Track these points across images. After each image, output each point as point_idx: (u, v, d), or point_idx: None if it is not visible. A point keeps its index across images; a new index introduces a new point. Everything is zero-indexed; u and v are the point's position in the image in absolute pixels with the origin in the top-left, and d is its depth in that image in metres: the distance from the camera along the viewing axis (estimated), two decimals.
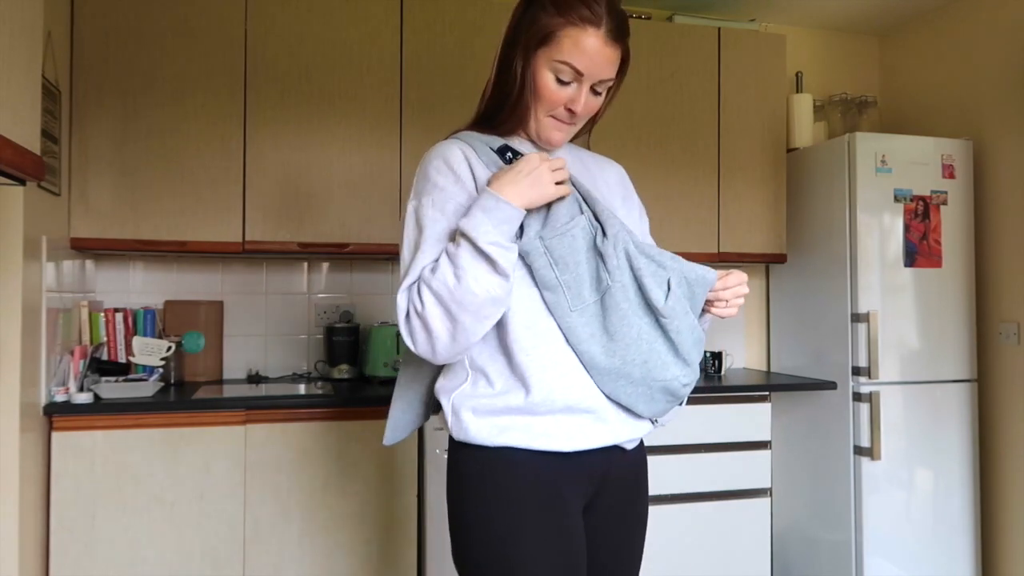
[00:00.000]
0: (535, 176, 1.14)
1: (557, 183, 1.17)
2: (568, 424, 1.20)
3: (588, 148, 1.44)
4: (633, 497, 1.33)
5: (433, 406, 1.39)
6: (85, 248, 2.45)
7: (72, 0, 2.41)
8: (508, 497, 1.19)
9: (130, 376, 2.47)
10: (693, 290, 1.20)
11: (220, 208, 2.54)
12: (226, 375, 2.85)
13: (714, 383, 2.86)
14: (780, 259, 3.14)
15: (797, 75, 3.45)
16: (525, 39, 1.22)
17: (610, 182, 1.40)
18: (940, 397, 2.93)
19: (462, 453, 1.24)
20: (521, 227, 1.17)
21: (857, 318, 2.86)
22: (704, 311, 1.26)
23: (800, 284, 3.20)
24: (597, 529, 1.29)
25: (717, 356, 3.12)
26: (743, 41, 3.09)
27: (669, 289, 1.18)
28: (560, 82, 1.22)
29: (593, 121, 1.34)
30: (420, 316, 1.12)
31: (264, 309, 2.91)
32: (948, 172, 2.97)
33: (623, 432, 1.25)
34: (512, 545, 1.17)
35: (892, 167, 2.89)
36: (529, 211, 1.17)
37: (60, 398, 2.22)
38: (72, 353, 2.31)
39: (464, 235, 1.11)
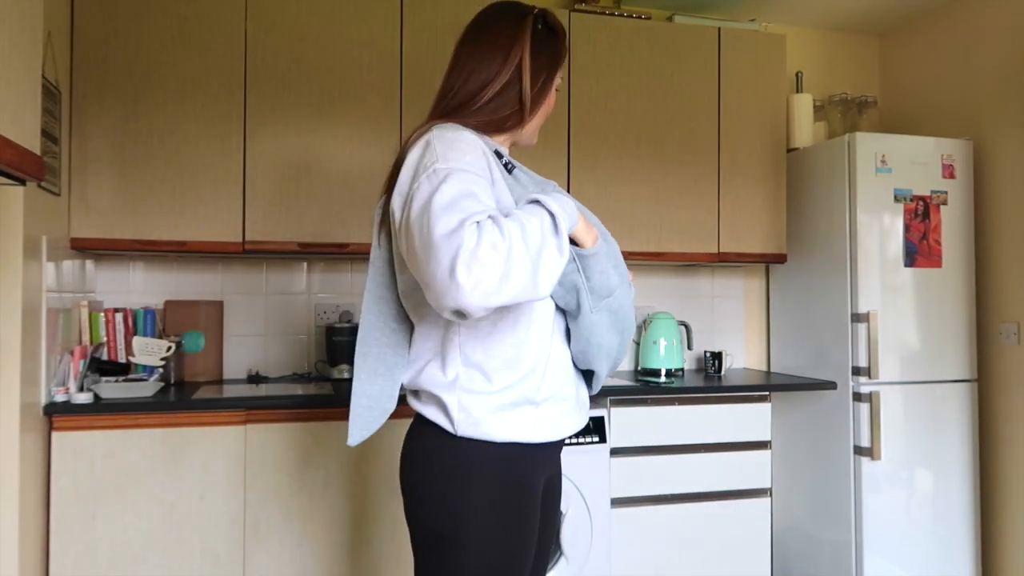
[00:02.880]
0: (593, 233, 1.26)
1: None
2: (558, 413, 1.30)
3: None
4: (560, 476, 1.46)
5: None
6: (85, 248, 2.45)
7: (72, 0, 2.41)
8: (511, 489, 1.24)
9: (130, 376, 2.47)
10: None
11: (220, 208, 2.54)
12: (226, 375, 2.85)
13: (714, 383, 2.85)
14: (780, 259, 3.14)
15: (797, 75, 3.45)
16: (548, 59, 1.34)
17: None
18: (940, 397, 2.93)
19: (463, 447, 1.24)
20: None
21: (857, 318, 2.86)
22: None
23: (800, 284, 3.20)
24: (545, 508, 1.38)
25: (717, 356, 3.12)
26: (743, 41, 3.09)
27: None
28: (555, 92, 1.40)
29: None
30: (496, 248, 0.99)
31: (264, 309, 2.91)
32: (948, 172, 2.97)
33: (586, 417, 1.40)
34: (510, 531, 1.23)
35: (892, 167, 2.89)
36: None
37: (60, 398, 2.21)
38: (72, 353, 2.31)
39: (542, 205, 1.09)
